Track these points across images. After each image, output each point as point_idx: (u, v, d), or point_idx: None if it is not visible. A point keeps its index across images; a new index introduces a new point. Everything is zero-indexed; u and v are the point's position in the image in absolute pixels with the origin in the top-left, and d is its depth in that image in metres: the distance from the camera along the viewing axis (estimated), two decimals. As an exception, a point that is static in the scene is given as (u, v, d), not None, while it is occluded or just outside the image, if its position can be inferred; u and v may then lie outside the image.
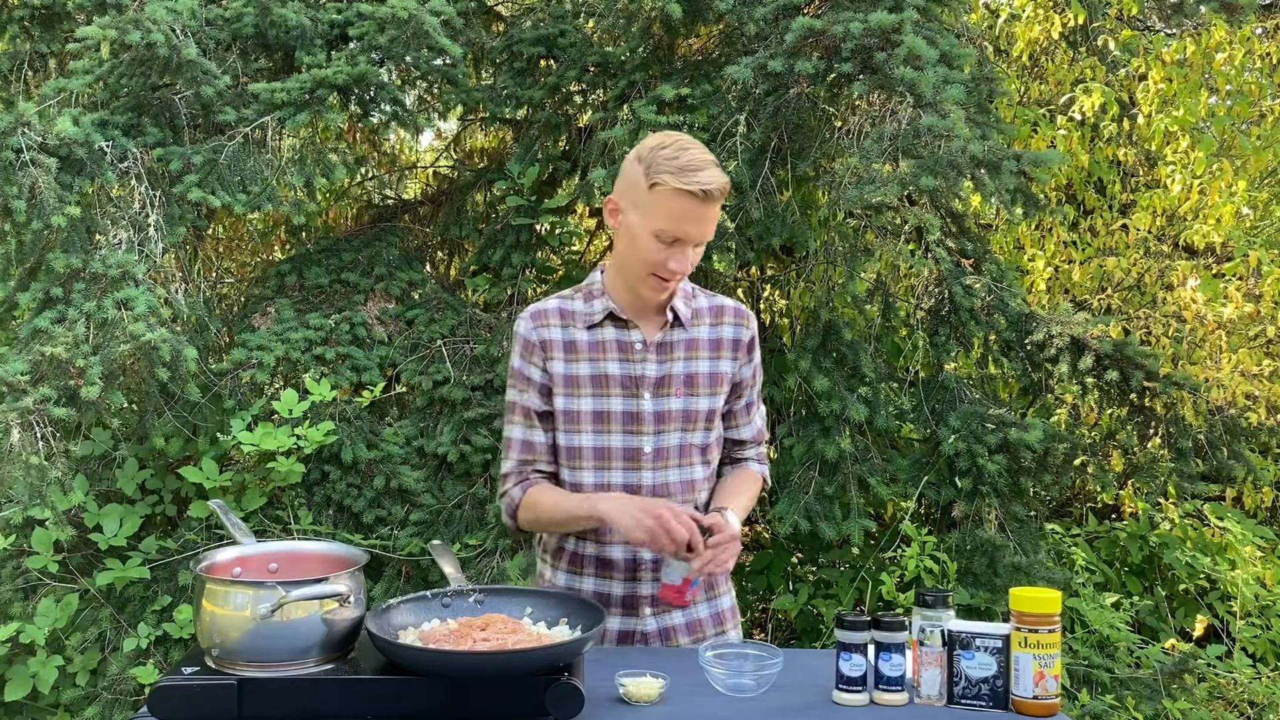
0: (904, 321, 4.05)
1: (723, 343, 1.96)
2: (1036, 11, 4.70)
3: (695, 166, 1.75)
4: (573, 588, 1.96)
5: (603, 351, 1.91)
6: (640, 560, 1.91)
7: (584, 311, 1.93)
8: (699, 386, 1.93)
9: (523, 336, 1.94)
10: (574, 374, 1.91)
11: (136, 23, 3.27)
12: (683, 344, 1.93)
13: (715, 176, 1.76)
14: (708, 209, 1.77)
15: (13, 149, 3.14)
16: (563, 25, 4.21)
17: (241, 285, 4.80)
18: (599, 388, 1.90)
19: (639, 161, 1.81)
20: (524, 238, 4.19)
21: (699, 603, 1.98)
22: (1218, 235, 4.53)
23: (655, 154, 1.78)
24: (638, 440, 1.90)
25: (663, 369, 1.91)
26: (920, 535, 3.59)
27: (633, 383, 1.91)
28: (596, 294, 1.94)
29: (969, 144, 3.06)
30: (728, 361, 1.96)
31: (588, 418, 1.90)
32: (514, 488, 1.95)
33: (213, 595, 1.53)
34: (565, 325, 1.93)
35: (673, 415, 1.91)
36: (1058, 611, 1.59)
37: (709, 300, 1.99)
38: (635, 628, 1.94)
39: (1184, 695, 3.56)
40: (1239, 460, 3.67)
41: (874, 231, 3.94)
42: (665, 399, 1.91)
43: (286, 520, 3.46)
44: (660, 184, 1.76)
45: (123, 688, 3.22)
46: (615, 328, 1.92)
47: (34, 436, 2.95)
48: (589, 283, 1.97)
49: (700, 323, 1.96)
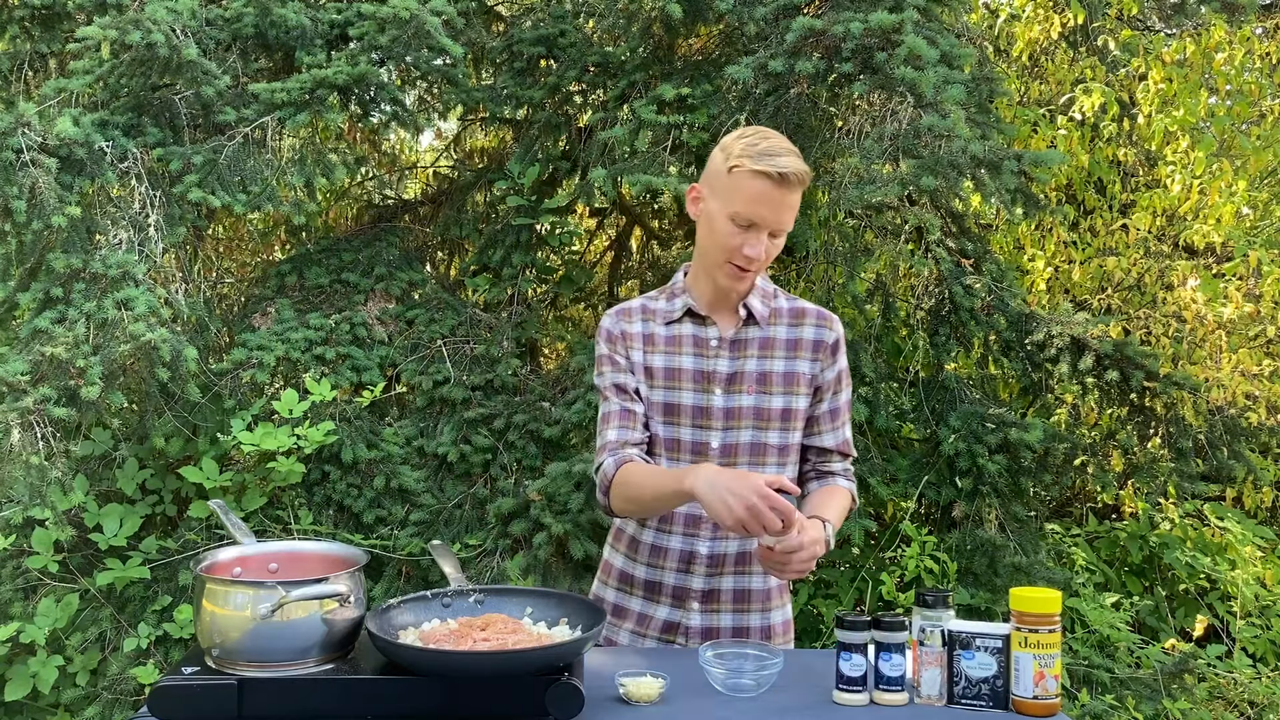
0: (904, 321, 4.05)
1: (802, 343, 1.95)
2: (1036, 11, 4.70)
3: (774, 152, 1.78)
4: (628, 571, 1.98)
5: (678, 346, 1.95)
6: (695, 554, 1.92)
7: (665, 309, 1.98)
8: (772, 385, 1.93)
9: (606, 329, 1.99)
10: (649, 365, 1.95)
11: (136, 23, 3.27)
12: (757, 341, 1.94)
13: (793, 163, 1.78)
14: (784, 194, 1.79)
15: (13, 149, 3.14)
16: (563, 25, 4.21)
17: (241, 285, 4.80)
18: (671, 380, 1.93)
19: (722, 149, 1.85)
20: (524, 238, 4.19)
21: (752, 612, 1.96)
22: (1218, 235, 4.53)
23: (737, 141, 1.83)
24: (705, 435, 1.91)
25: (735, 365, 1.93)
26: (920, 535, 3.59)
27: (704, 378, 1.93)
28: (677, 292, 1.98)
29: (969, 144, 3.06)
30: (806, 362, 1.95)
31: (659, 408, 1.93)
32: (608, 459, 1.91)
33: (213, 595, 1.53)
34: (646, 320, 1.98)
35: (744, 412, 1.91)
36: (1058, 611, 1.59)
37: (790, 302, 2.00)
38: (681, 620, 1.94)
39: (1184, 695, 3.56)
40: (1239, 460, 3.67)
41: (874, 231, 3.94)
42: (737, 395, 1.92)
43: (286, 520, 3.46)
44: (738, 167, 1.79)
45: (123, 688, 3.22)
46: (693, 324, 1.95)
47: (34, 436, 2.95)
48: (672, 283, 2.01)
49: (778, 322, 1.96)
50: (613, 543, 2.05)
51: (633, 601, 1.98)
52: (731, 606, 1.95)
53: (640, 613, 1.97)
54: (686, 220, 4.76)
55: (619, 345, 1.97)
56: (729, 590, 1.94)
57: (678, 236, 4.89)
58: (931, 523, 3.97)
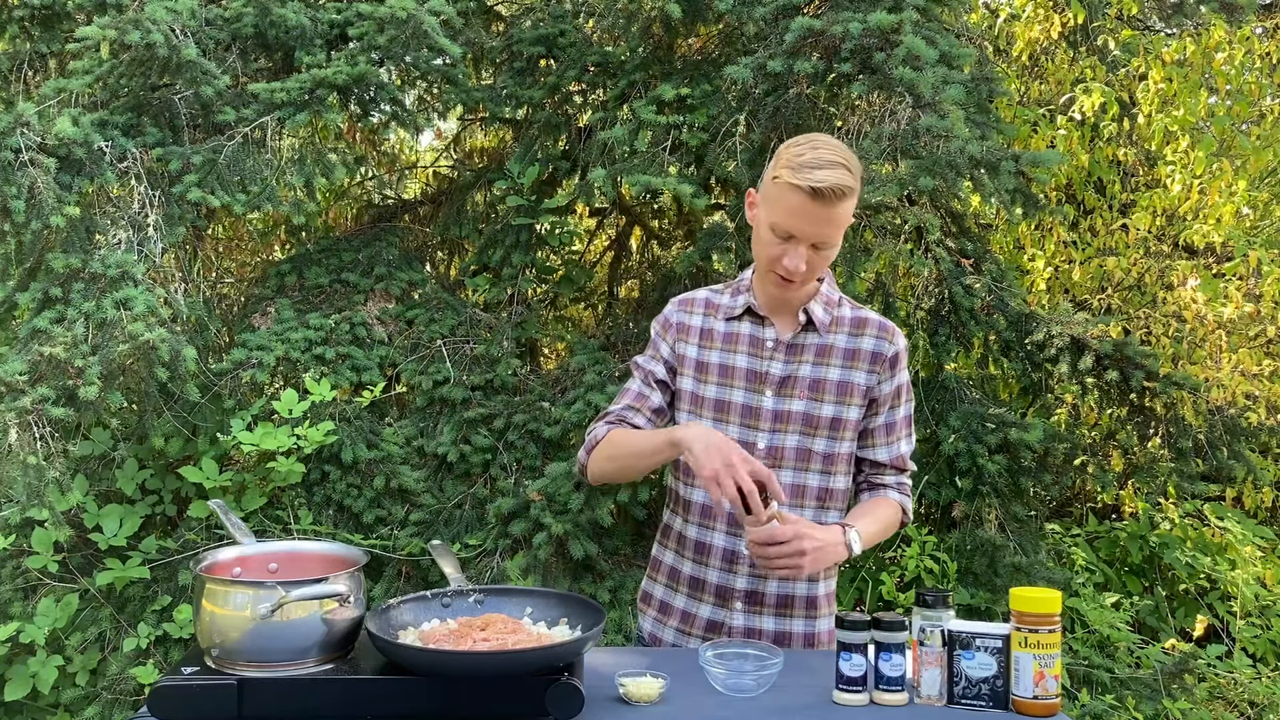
0: (904, 321, 4.05)
1: (860, 354, 1.93)
2: (1036, 11, 4.70)
3: (813, 165, 1.74)
4: (677, 568, 1.99)
5: (735, 343, 1.95)
6: (738, 553, 1.92)
7: (728, 304, 1.98)
8: (825, 392, 1.91)
9: (665, 316, 2.02)
10: (705, 360, 1.96)
11: (136, 23, 3.27)
12: (814, 348, 1.93)
13: (829, 176, 1.73)
14: (820, 209, 1.75)
15: (12, 149, 3.14)
16: (563, 25, 4.21)
17: (241, 285, 4.80)
18: (724, 377, 1.94)
19: (775, 157, 1.84)
20: (524, 238, 4.19)
21: (795, 617, 1.95)
22: (1218, 235, 4.53)
23: (787, 150, 1.81)
24: (753, 435, 1.91)
25: (789, 369, 1.92)
26: (920, 535, 3.59)
27: (757, 378, 1.93)
28: (743, 289, 1.98)
29: (968, 144, 3.06)
30: (863, 374, 1.93)
31: (709, 404, 1.94)
32: (602, 425, 2.00)
33: (213, 595, 1.52)
34: (708, 314, 1.99)
35: (793, 416, 1.91)
36: (1058, 611, 1.59)
37: (854, 311, 1.98)
38: (724, 620, 1.94)
39: (1184, 695, 3.56)
40: (1239, 460, 3.67)
41: (873, 231, 3.94)
42: (788, 399, 1.91)
43: (286, 520, 3.46)
44: (779, 178, 1.78)
45: (123, 688, 3.22)
46: (752, 323, 1.95)
47: (32, 437, 2.95)
48: (739, 279, 2.02)
49: (839, 330, 1.94)
50: (661, 539, 2.06)
51: (677, 599, 1.99)
52: (774, 610, 1.94)
53: (684, 610, 1.98)
54: (686, 220, 4.76)
55: (669, 334, 2.00)
56: (773, 594, 1.93)
57: (677, 236, 4.89)
58: (931, 523, 3.97)
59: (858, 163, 1.81)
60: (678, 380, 1.99)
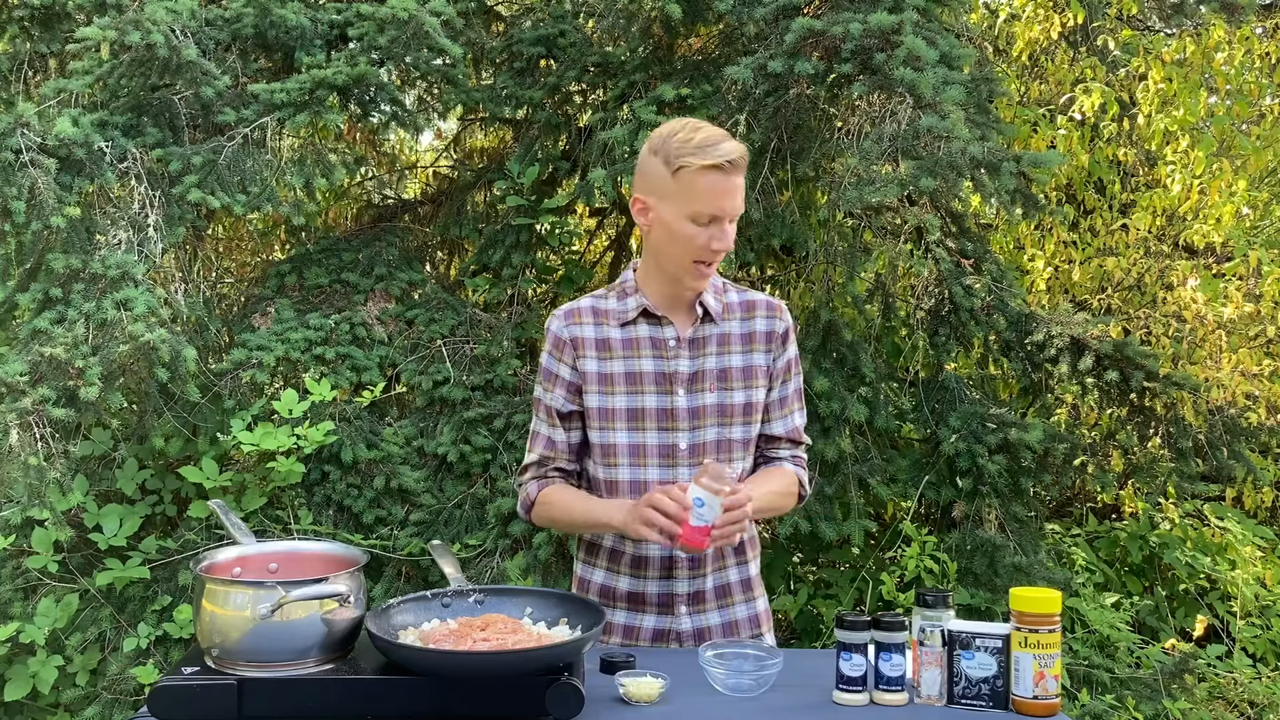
0: (904, 321, 4.05)
1: (755, 336, 1.96)
2: (1036, 11, 4.70)
3: (712, 141, 1.78)
4: (609, 585, 1.97)
5: (636, 349, 1.92)
6: (677, 558, 1.92)
7: (617, 309, 1.95)
8: (732, 380, 1.93)
9: (554, 334, 1.96)
10: (608, 371, 1.92)
11: (136, 23, 3.27)
12: (715, 339, 1.94)
13: (734, 146, 1.79)
14: (735, 179, 1.80)
15: (12, 149, 3.14)
16: (563, 25, 4.21)
17: (241, 285, 4.80)
18: (633, 385, 1.92)
19: (655, 154, 1.83)
20: (524, 238, 4.19)
21: (736, 604, 1.97)
22: (1218, 235, 4.53)
23: (669, 142, 1.81)
24: (673, 437, 1.91)
25: (695, 364, 1.92)
26: (920, 535, 3.59)
27: (666, 379, 1.91)
28: (630, 291, 1.95)
29: (968, 145, 3.06)
30: (761, 354, 1.96)
31: (622, 415, 1.91)
32: (531, 482, 2.00)
33: (213, 595, 1.53)
34: (599, 323, 1.95)
35: (708, 410, 1.91)
36: (1058, 611, 1.59)
37: (740, 295, 2.00)
38: (670, 626, 1.94)
39: (1184, 695, 3.56)
40: (1239, 460, 3.67)
41: (873, 232, 3.94)
42: (699, 394, 1.91)
43: (286, 520, 3.46)
44: (685, 166, 1.78)
45: (123, 688, 3.22)
46: (649, 324, 1.94)
47: (33, 437, 2.95)
48: (621, 281, 1.98)
49: (731, 317, 1.96)
50: (586, 558, 2.02)
51: (616, 615, 1.96)
52: (717, 603, 1.95)
53: (626, 625, 1.96)
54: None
55: (565, 354, 1.94)
56: (711, 588, 1.95)
57: (677, 236, 4.88)
58: (931, 523, 3.97)
59: None
60: (584, 398, 1.93)
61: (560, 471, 2.00)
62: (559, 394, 1.95)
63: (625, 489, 1.92)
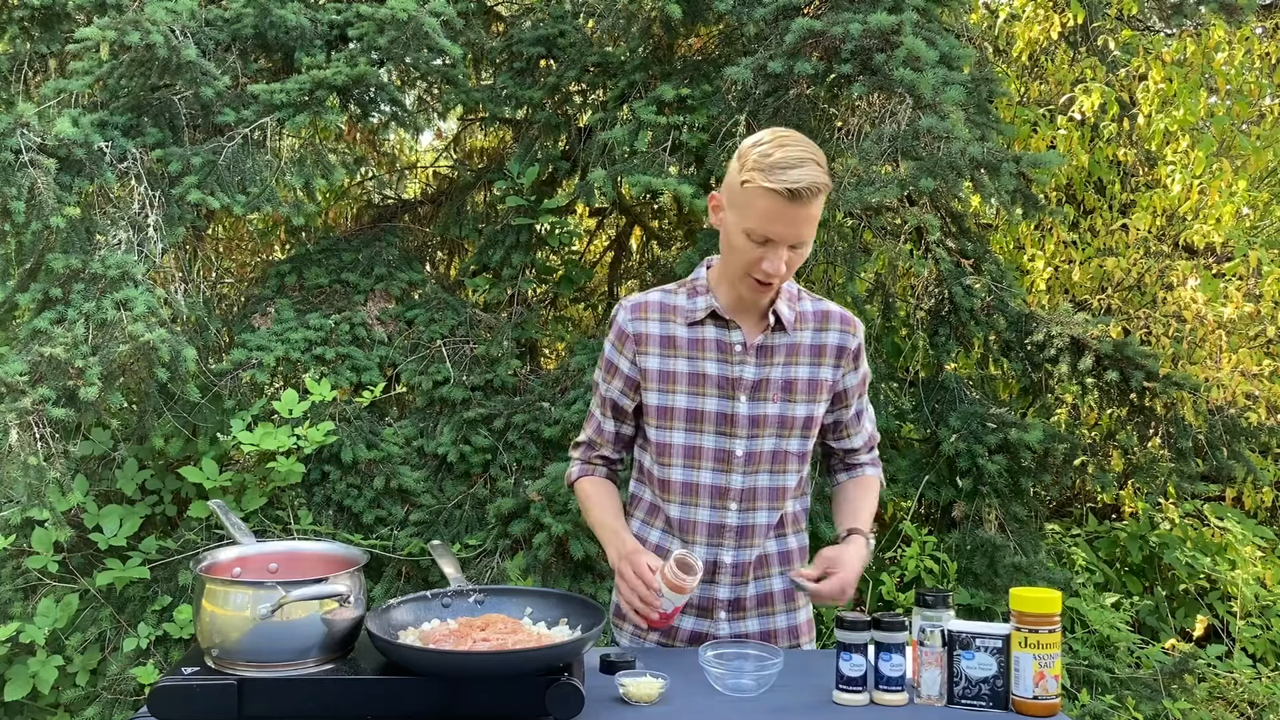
0: (904, 321, 4.05)
1: (826, 349, 1.91)
2: (1036, 11, 4.70)
3: (787, 164, 1.69)
4: None
5: (701, 350, 1.88)
6: (720, 563, 1.90)
7: (686, 307, 1.90)
8: (797, 393, 1.89)
9: (619, 325, 1.93)
10: (670, 369, 1.89)
11: (136, 24, 3.27)
12: (784, 348, 1.89)
13: (805, 175, 1.69)
14: (798, 209, 1.70)
15: (12, 150, 3.14)
16: (563, 25, 4.21)
17: (241, 285, 4.80)
18: (695, 386, 1.88)
19: (738, 158, 1.77)
20: (524, 238, 4.19)
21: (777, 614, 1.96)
22: (1218, 235, 4.53)
23: (751, 150, 1.74)
24: (730, 443, 1.88)
25: (761, 372, 1.88)
26: (920, 535, 3.59)
27: (729, 384, 1.87)
28: (700, 290, 1.90)
29: (968, 145, 3.06)
30: (829, 369, 1.91)
31: (681, 415, 1.89)
32: (577, 463, 2.05)
33: (213, 595, 1.53)
34: (665, 320, 1.91)
35: (768, 420, 1.88)
36: (1058, 611, 1.59)
37: (815, 305, 1.94)
38: (709, 631, 1.93)
39: (1184, 695, 3.56)
40: (1239, 460, 3.67)
41: (873, 231, 3.94)
42: (761, 403, 1.87)
43: (286, 520, 3.46)
44: (749, 181, 1.71)
45: (123, 688, 3.22)
46: (716, 326, 1.89)
47: (33, 437, 2.95)
48: (693, 278, 1.94)
49: (804, 327, 1.91)
50: None
51: None
52: (757, 611, 1.94)
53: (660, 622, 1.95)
54: (686, 220, 4.76)
55: (626, 348, 1.92)
56: (753, 596, 1.93)
57: (677, 236, 4.89)
58: (931, 523, 3.97)
59: (822, 152, 1.76)
60: (643, 394, 1.91)
61: (604, 459, 2.02)
62: (616, 386, 1.94)
63: (678, 489, 1.90)
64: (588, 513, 1.99)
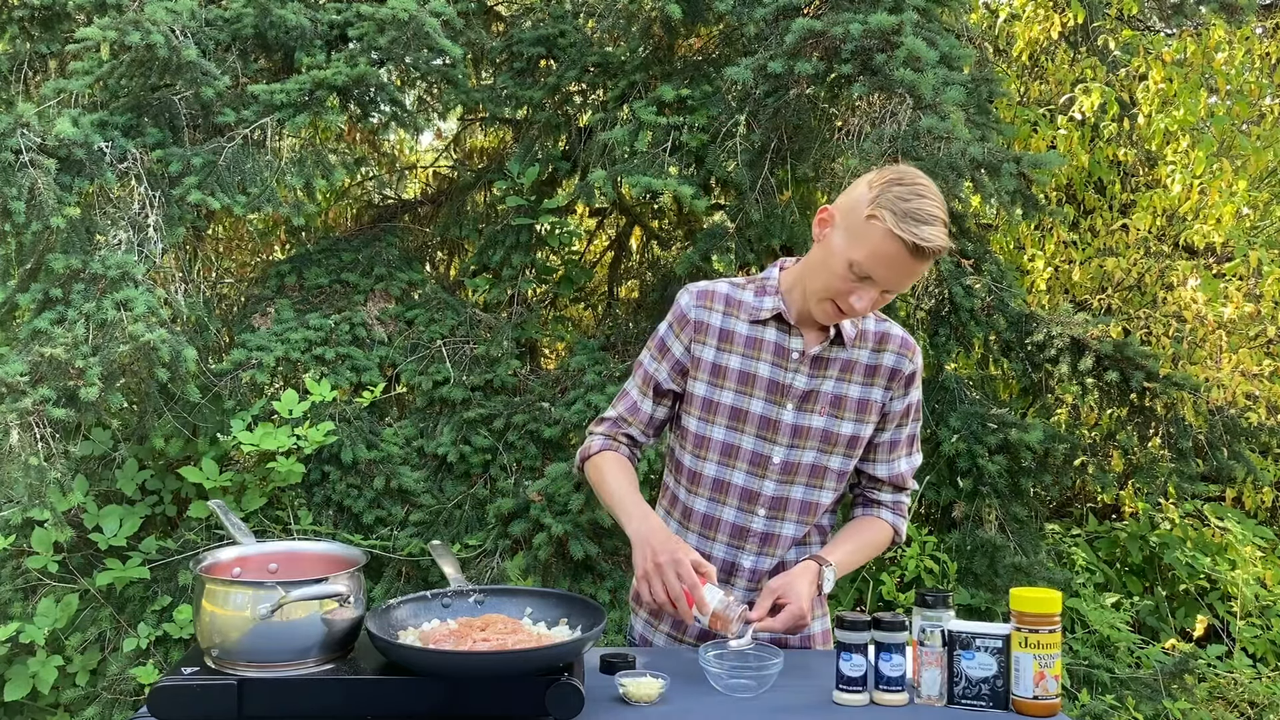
0: (904, 322, 4.05)
1: (880, 370, 1.87)
2: (1036, 11, 4.70)
3: (920, 218, 1.65)
4: None
5: (758, 350, 1.86)
6: (738, 566, 1.90)
7: (752, 304, 1.88)
8: (845, 410, 1.86)
9: (681, 308, 1.90)
10: (723, 364, 1.87)
11: (136, 24, 3.27)
12: (839, 363, 1.86)
13: (935, 235, 1.66)
14: (914, 264, 1.68)
15: (12, 150, 3.14)
16: (563, 25, 4.21)
17: (241, 285, 4.80)
18: (743, 385, 1.86)
19: (869, 186, 1.71)
20: (524, 238, 4.19)
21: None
22: (1218, 235, 4.53)
23: (889, 187, 1.68)
24: (769, 448, 1.86)
25: (812, 383, 1.85)
26: (920, 535, 3.59)
27: (779, 389, 1.85)
28: (769, 290, 1.88)
29: (968, 145, 3.06)
30: (880, 390, 1.88)
31: (725, 411, 1.86)
32: (599, 437, 1.97)
33: (213, 595, 1.52)
34: (728, 313, 1.88)
35: (812, 432, 1.85)
36: (1058, 612, 1.59)
37: (878, 324, 1.90)
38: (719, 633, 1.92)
39: (1184, 695, 3.56)
40: (1239, 460, 3.67)
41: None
42: (808, 414, 1.85)
43: (286, 520, 3.46)
44: (877, 218, 1.66)
45: (123, 688, 3.22)
46: (778, 330, 1.86)
47: (33, 437, 2.95)
48: (764, 276, 1.91)
49: (863, 345, 1.87)
50: None
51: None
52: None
53: (674, 619, 1.94)
54: (686, 220, 4.76)
55: (684, 332, 1.89)
56: None
57: (677, 237, 4.89)
58: (931, 523, 3.97)
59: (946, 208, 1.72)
60: (689, 382, 1.90)
61: (629, 439, 1.97)
62: (664, 368, 1.91)
63: (708, 484, 1.89)
64: (604, 484, 1.90)
